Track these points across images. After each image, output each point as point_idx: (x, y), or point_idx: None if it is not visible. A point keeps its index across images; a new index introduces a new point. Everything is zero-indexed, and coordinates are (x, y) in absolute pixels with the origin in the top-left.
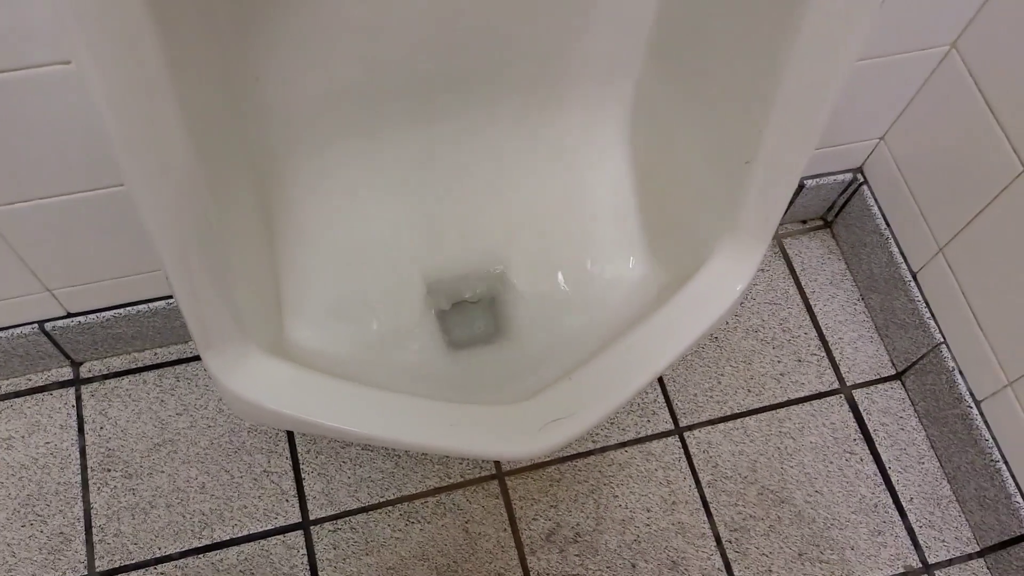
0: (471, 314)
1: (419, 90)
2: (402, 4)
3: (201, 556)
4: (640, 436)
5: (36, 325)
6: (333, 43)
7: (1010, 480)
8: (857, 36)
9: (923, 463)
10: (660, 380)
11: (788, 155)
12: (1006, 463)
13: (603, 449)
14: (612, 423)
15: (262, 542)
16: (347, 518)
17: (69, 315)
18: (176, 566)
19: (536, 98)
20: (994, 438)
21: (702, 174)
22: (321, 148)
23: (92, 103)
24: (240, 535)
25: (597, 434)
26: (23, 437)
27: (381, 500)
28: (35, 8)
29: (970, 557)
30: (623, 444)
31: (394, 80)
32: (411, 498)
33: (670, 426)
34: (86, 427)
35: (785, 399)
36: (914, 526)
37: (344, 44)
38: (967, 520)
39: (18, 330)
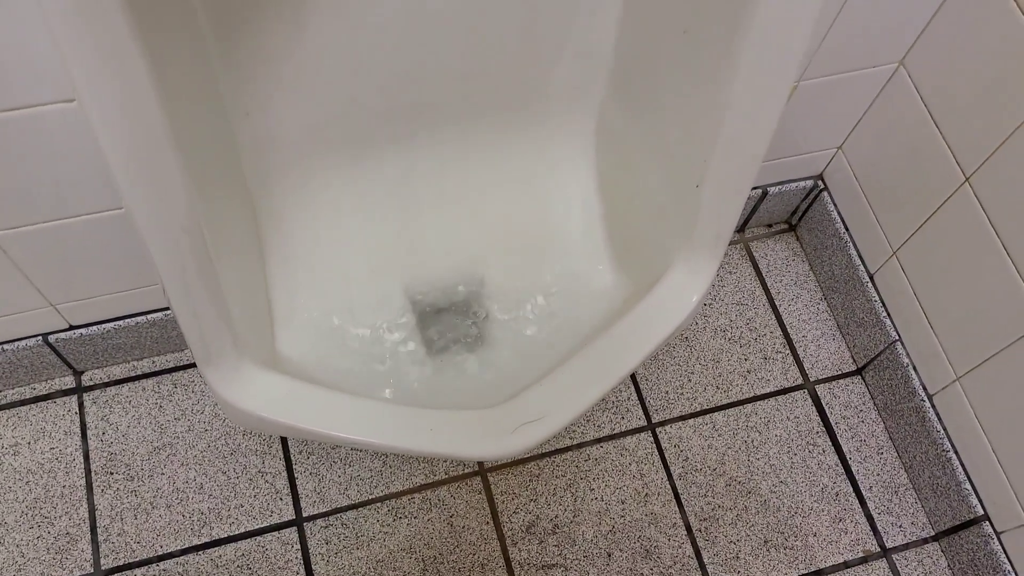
0: (450, 324)
1: (397, 118)
2: (379, 43)
3: (201, 553)
4: (615, 432)
5: (40, 338)
6: (317, 79)
7: (960, 469)
8: (788, 73)
9: (882, 454)
10: (633, 379)
11: (734, 179)
12: (956, 453)
13: (580, 445)
14: (588, 420)
15: (258, 539)
16: (338, 515)
17: (71, 327)
18: (177, 563)
19: (506, 123)
20: (945, 429)
21: (659, 194)
22: (307, 173)
23: (95, 138)
24: (237, 532)
25: (574, 431)
26: (29, 443)
27: (370, 497)
28: (40, 53)
29: (925, 541)
30: (599, 440)
31: (373, 110)
32: (398, 495)
33: (643, 422)
34: (89, 433)
35: (752, 395)
36: (873, 513)
37: (327, 80)
38: (922, 506)
39: (23, 342)
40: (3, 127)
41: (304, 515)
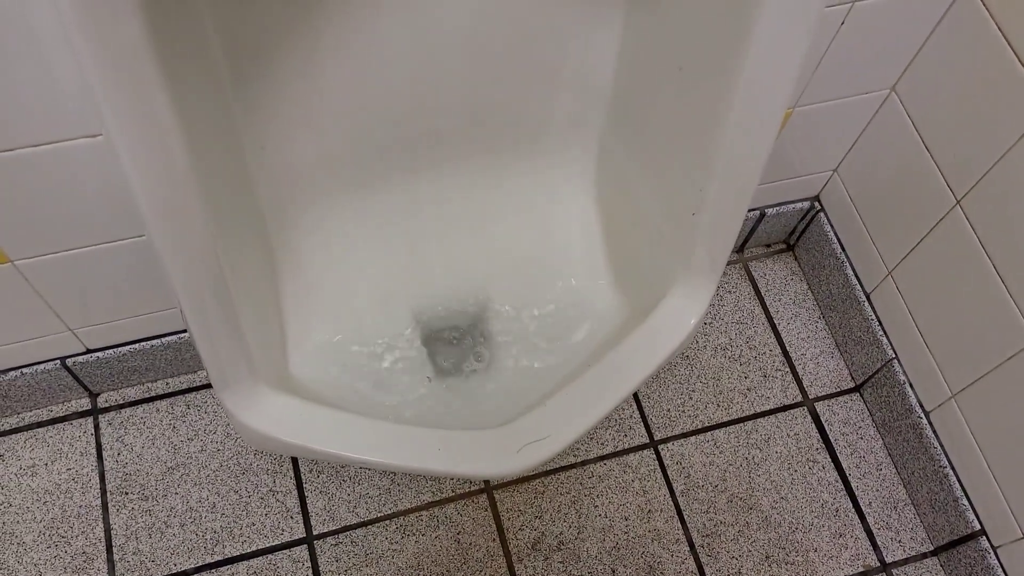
0: (457, 346)
1: (403, 148)
2: (387, 79)
3: (214, 571)
4: (618, 450)
5: (58, 361)
6: (328, 114)
7: (957, 484)
8: (779, 106)
9: (880, 470)
10: (636, 397)
11: (729, 206)
12: (953, 469)
13: (583, 463)
14: (591, 438)
15: (270, 556)
16: (347, 532)
17: (88, 351)
18: None
19: (509, 152)
20: (942, 446)
21: (657, 221)
22: (318, 201)
23: (123, 171)
24: (249, 551)
25: (578, 448)
26: (46, 464)
27: (379, 515)
28: (66, 92)
29: (924, 556)
30: (602, 457)
31: (382, 142)
32: (406, 512)
33: (645, 440)
34: (104, 453)
35: (752, 412)
36: (872, 528)
37: (337, 114)
38: (921, 522)
39: (42, 366)
40: (30, 162)
41: (314, 533)
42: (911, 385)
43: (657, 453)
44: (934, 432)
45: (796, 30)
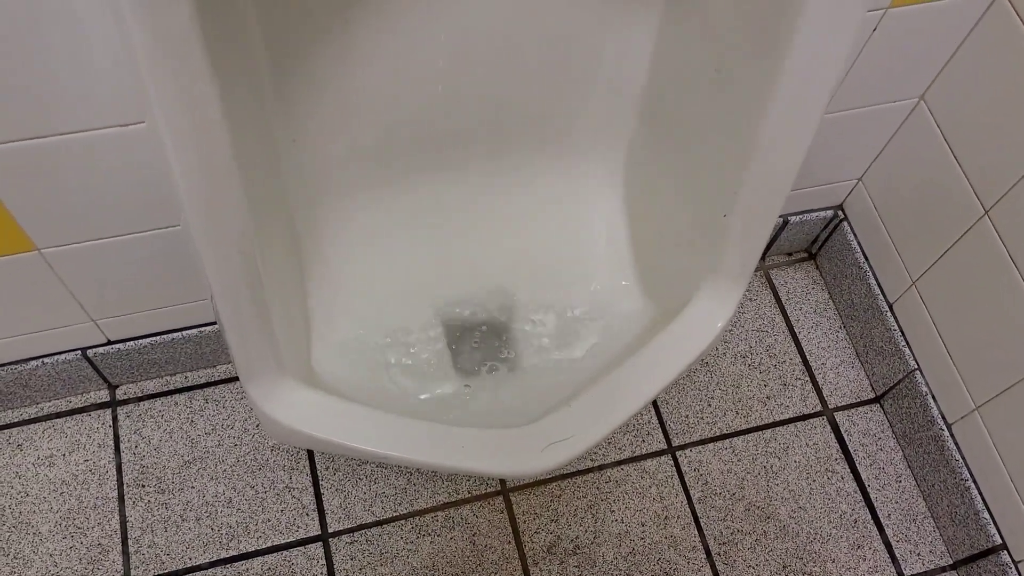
0: (480, 344)
1: (431, 146)
2: (419, 76)
3: (228, 566)
4: (635, 455)
5: (79, 352)
6: (357, 110)
7: (978, 498)
8: (818, 109)
9: (900, 481)
10: (654, 402)
11: (760, 210)
12: (975, 482)
13: (601, 467)
14: (609, 443)
15: (284, 553)
16: (363, 531)
17: (109, 342)
18: (205, 575)
19: (537, 152)
20: (964, 458)
21: (686, 223)
22: (346, 197)
23: (166, 161)
24: (264, 547)
25: (595, 453)
26: (64, 455)
27: (394, 514)
28: (107, 80)
29: (943, 570)
30: (619, 462)
31: (409, 138)
32: (422, 512)
33: (663, 445)
34: (122, 446)
35: (771, 420)
36: (891, 540)
37: (366, 110)
38: (940, 535)
39: (63, 356)
40: (64, 149)
41: (330, 531)
42: (933, 396)
43: (675, 459)
44: (956, 444)
45: (838, 35)
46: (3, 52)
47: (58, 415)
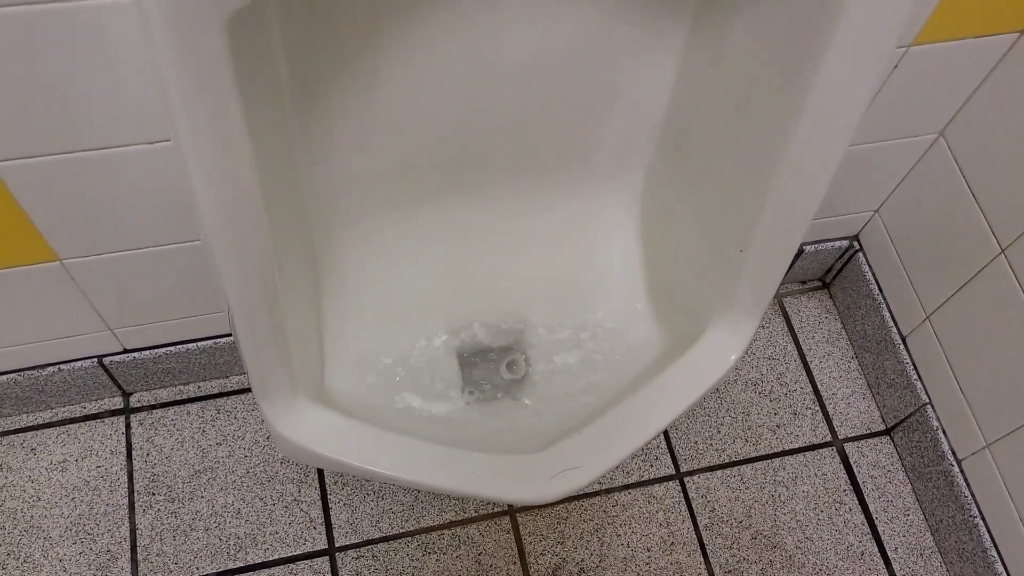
0: (493, 368)
1: (451, 168)
2: (442, 99)
3: None
4: (643, 480)
5: (95, 359)
6: (379, 131)
7: (986, 535)
8: (839, 148)
9: (908, 515)
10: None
11: (777, 245)
12: (983, 519)
13: (608, 491)
14: (617, 467)
15: (291, 566)
16: (369, 546)
17: (125, 351)
18: None
19: (556, 177)
20: (973, 495)
21: (702, 255)
22: (364, 217)
23: (189, 179)
24: (271, 559)
25: (603, 477)
26: (76, 461)
27: (401, 531)
28: (133, 99)
29: None
30: (627, 486)
31: (429, 160)
32: (428, 530)
33: (671, 471)
34: (134, 453)
35: (780, 449)
36: (898, 574)
37: (388, 132)
38: (948, 571)
39: (79, 363)
40: (91, 164)
41: (336, 545)
42: (944, 431)
43: (682, 485)
44: (965, 481)
45: (865, 72)
46: (36, 71)
47: (72, 420)
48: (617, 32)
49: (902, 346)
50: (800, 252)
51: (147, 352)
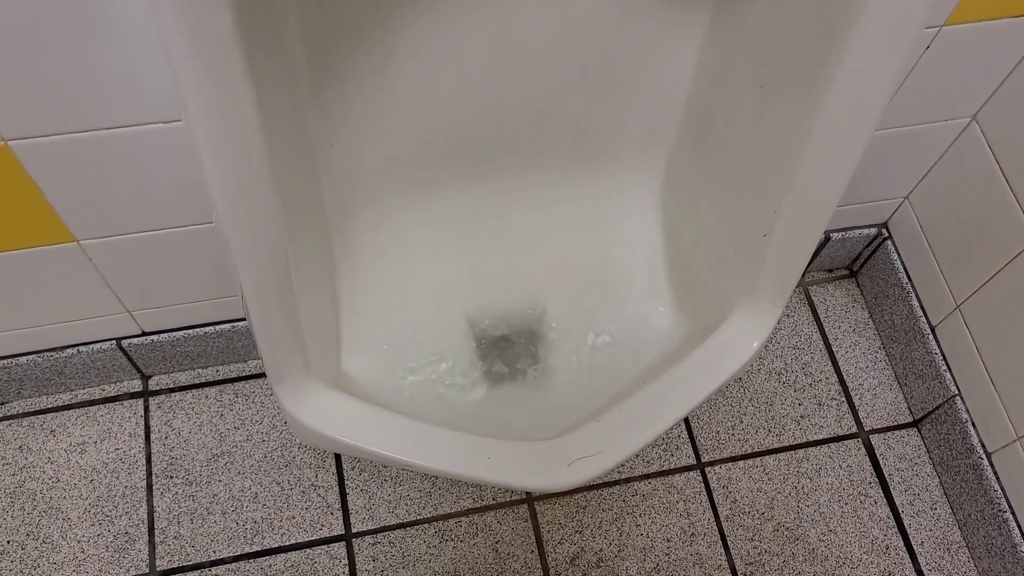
0: (510, 355)
1: (468, 154)
2: (460, 83)
3: (252, 561)
4: (664, 469)
5: (114, 342)
6: (396, 116)
7: (1016, 530)
8: (865, 132)
9: (935, 509)
10: (685, 417)
11: (802, 232)
12: (1013, 514)
13: (628, 480)
14: (637, 456)
15: (308, 551)
16: (386, 533)
17: (144, 334)
18: (229, 569)
19: (575, 163)
20: (1003, 489)
21: (724, 242)
22: (381, 202)
23: (200, 160)
24: (288, 543)
25: (623, 466)
26: (95, 443)
27: (418, 517)
28: (146, 77)
29: None
30: (647, 476)
31: (449, 145)
32: (446, 517)
33: (692, 461)
34: (152, 436)
35: (804, 440)
36: (923, 569)
37: (405, 117)
38: (976, 566)
39: (98, 345)
40: (106, 144)
41: (353, 531)
42: (973, 424)
43: (704, 475)
44: (995, 474)
45: (891, 54)
46: (50, 49)
47: (91, 403)
48: (637, 11)
49: (931, 336)
50: (827, 239)
51: (166, 335)
